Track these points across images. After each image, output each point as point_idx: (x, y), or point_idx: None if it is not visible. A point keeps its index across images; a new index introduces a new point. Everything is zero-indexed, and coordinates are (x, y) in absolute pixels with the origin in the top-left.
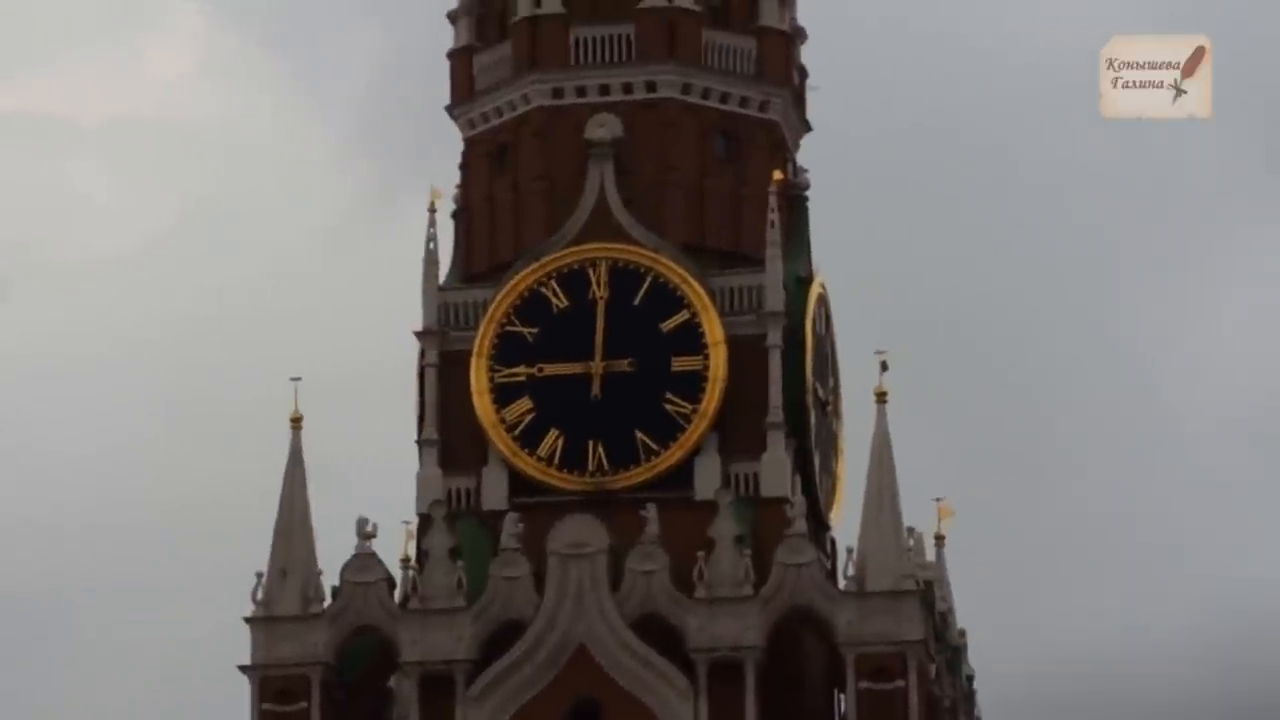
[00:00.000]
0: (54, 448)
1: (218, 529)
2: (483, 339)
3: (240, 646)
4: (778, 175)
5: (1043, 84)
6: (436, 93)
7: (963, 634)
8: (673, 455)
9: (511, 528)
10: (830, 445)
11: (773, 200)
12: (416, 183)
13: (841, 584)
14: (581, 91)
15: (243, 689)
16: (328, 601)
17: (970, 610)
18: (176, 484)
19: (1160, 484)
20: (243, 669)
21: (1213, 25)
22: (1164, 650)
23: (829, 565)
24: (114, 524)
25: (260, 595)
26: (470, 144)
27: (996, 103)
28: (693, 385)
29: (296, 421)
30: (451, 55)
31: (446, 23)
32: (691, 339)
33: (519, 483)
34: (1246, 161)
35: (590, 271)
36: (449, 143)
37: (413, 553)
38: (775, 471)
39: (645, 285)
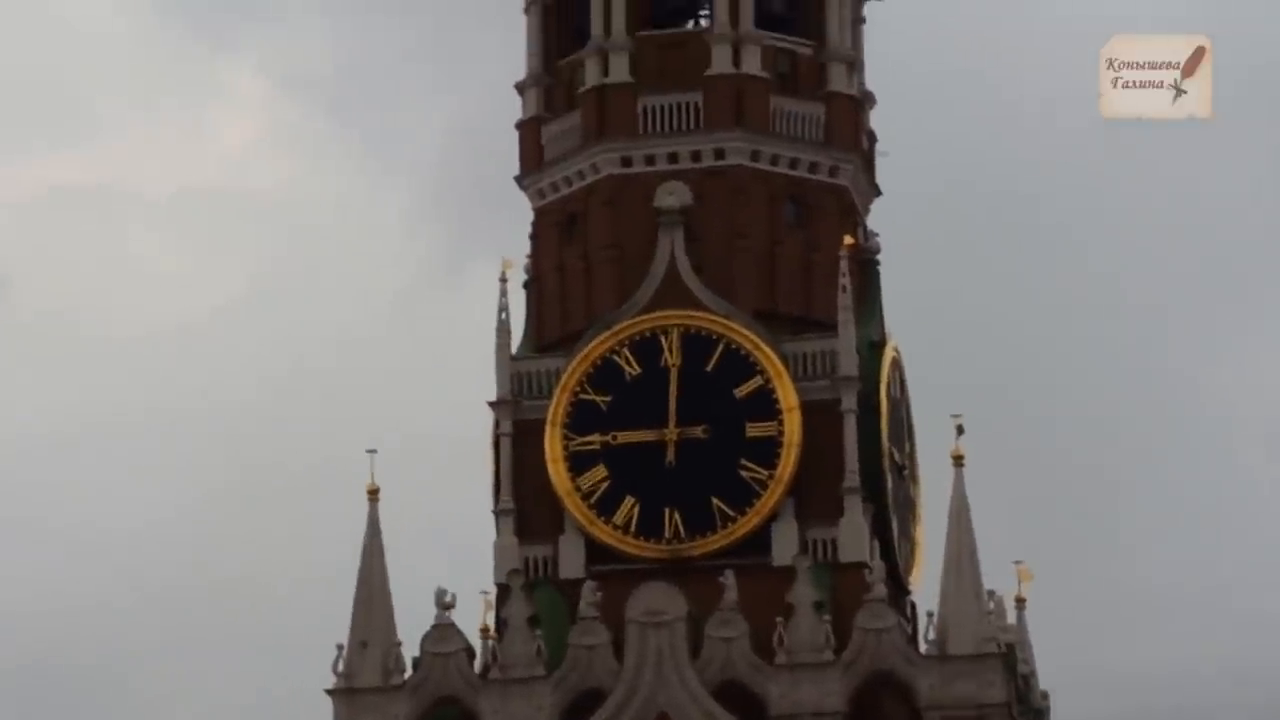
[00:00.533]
0: (127, 517)
1: (291, 599)
2: (556, 408)
3: (317, 718)
4: (848, 240)
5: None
6: (505, 163)
7: (1045, 696)
8: (749, 521)
9: (589, 596)
10: (908, 509)
11: (844, 265)
12: (485, 252)
13: (923, 648)
14: (650, 160)
15: None
16: (408, 672)
17: (1052, 672)
18: (246, 553)
19: (1241, 545)
20: None
21: (1213, 25)
22: (1250, 713)
23: (909, 629)
24: (180, 593)
25: (341, 667)
26: (540, 214)
27: (1065, 158)
28: (768, 451)
29: (373, 493)
30: (520, 125)
31: (514, 93)
32: (765, 405)
33: (595, 551)
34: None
35: (662, 339)
36: (518, 212)
37: (491, 622)
38: (853, 536)
39: (718, 352)
